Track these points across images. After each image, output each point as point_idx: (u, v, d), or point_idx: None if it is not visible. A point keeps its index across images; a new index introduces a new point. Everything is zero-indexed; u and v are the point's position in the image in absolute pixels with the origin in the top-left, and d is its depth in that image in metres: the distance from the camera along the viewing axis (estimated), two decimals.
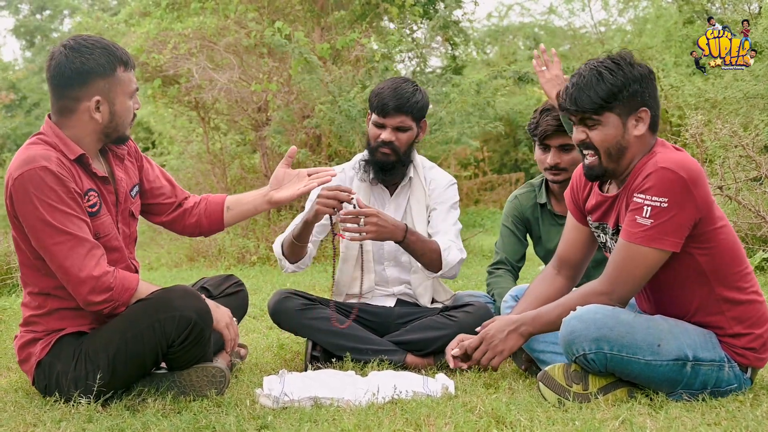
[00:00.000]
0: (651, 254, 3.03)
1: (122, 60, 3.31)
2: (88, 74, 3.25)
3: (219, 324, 3.42)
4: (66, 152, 3.26)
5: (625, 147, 3.12)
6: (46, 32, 29.25)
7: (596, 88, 3.07)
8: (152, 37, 11.80)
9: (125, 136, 3.44)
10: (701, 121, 7.13)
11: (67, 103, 3.31)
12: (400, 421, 2.89)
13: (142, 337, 3.18)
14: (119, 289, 3.21)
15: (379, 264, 4.21)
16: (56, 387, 3.27)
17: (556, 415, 2.91)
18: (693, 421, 2.80)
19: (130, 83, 3.35)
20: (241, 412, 3.09)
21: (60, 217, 3.15)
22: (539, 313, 3.32)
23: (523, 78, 10.21)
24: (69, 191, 3.18)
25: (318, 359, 4.00)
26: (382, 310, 4.17)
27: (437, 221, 4.14)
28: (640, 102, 3.11)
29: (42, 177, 3.14)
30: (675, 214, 2.97)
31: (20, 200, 3.17)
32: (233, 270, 9.44)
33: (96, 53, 3.26)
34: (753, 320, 3.13)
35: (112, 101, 3.30)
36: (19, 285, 7.13)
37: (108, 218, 3.40)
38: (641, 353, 3.01)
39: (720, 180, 6.86)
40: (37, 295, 3.36)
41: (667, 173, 2.96)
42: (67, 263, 3.15)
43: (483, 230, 13.51)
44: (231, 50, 12.08)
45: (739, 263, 3.17)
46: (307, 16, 12.15)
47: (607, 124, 3.11)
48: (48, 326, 3.35)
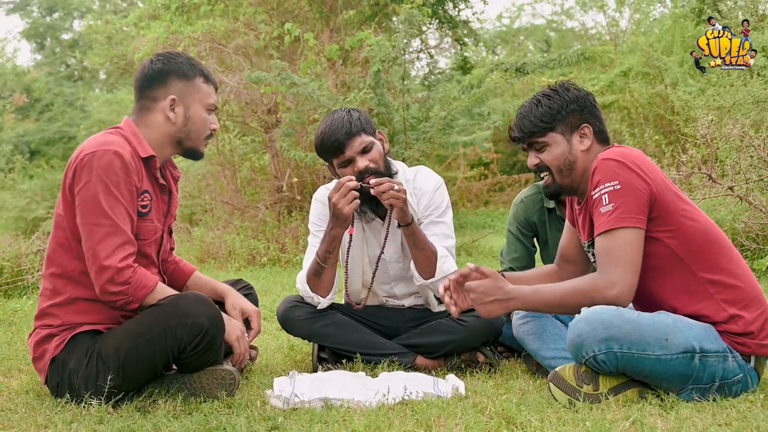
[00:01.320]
0: (626, 234, 3.11)
1: (203, 72, 3.54)
2: (168, 74, 3.47)
3: (230, 336, 3.46)
4: (138, 149, 3.40)
5: (573, 161, 3.39)
6: (57, 34, 29.32)
7: (536, 112, 3.40)
8: (162, 40, 11.83)
9: (199, 151, 3.59)
10: (711, 122, 7.12)
11: (145, 103, 3.49)
12: (410, 422, 2.89)
13: (153, 342, 3.19)
14: (136, 285, 3.23)
15: (386, 284, 4.18)
16: (68, 385, 3.28)
17: (567, 416, 2.91)
18: (704, 422, 2.80)
19: (208, 96, 3.55)
20: (252, 413, 3.10)
21: (111, 202, 3.22)
22: (536, 291, 3.25)
23: (522, 69, 10.14)
24: (130, 183, 3.29)
25: (326, 361, 4.00)
26: (392, 313, 4.16)
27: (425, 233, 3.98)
28: (580, 119, 3.39)
29: (111, 159, 3.24)
30: (629, 191, 3.11)
31: (83, 174, 3.25)
32: (243, 271, 9.45)
33: (179, 60, 3.50)
34: (745, 302, 3.15)
35: (187, 105, 3.49)
36: (30, 287, 7.16)
37: (152, 224, 3.49)
38: (650, 349, 3.01)
39: (731, 180, 6.84)
40: (58, 278, 3.39)
41: (608, 162, 3.17)
42: (98, 247, 3.20)
43: (492, 231, 13.48)
44: (241, 52, 12.11)
45: (717, 246, 3.22)
46: (316, 17, 12.16)
47: (553, 143, 3.40)
48: (64, 319, 3.37)
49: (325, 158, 3.99)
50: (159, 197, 3.54)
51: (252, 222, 11.15)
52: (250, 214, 11.55)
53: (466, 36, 14.72)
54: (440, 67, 16.79)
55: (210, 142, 3.77)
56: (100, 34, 15.92)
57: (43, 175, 20.19)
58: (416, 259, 3.93)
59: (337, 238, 3.85)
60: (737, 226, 6.88)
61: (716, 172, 7.12)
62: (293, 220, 11.01)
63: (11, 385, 3.71)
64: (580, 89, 3.44)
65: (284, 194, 11.48)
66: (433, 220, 4.03)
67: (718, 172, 7.32)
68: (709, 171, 6.87)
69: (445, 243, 3.98)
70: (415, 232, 3.85)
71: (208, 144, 3.66)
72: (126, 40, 14.76)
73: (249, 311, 3.74)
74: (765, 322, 3.15)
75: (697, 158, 7.00)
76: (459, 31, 14.26)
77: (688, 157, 7.16)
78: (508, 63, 10.19)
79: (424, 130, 10.15)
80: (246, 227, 10.92)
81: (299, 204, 11.50)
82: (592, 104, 3.43)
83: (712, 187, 6.89)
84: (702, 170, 6.89)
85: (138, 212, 3.38)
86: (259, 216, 11.30)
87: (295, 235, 10.45)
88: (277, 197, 11.79)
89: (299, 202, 11.52)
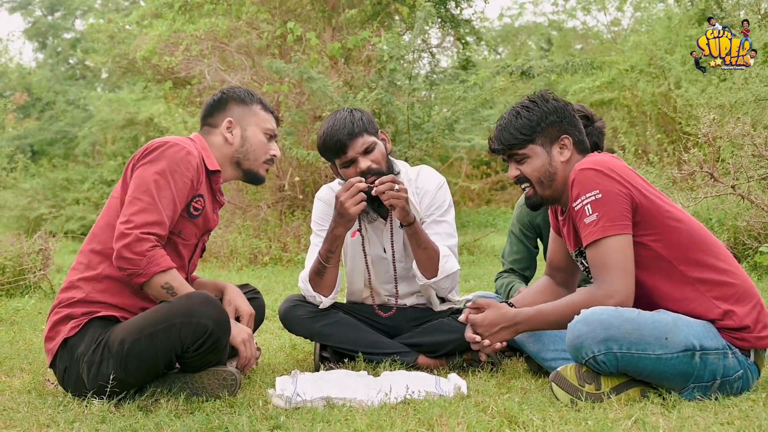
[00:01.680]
0: (614, 242, 3.13)
1: (261, 100, 3.78)
2: (227, 101, 3.72)
3: (235, 339, 3.46)
4: (207, 161, 3.60)
5: (554, 173, 3.40)
6: (59, 33, 29.31)
7: (515, 124, 3.41)
8: (164, 39, 11.83)
9: (258, 174, 3.77)
10: (713, 121, 7.11)
11: (208, 129, 3.72)
12: (412, 421, 2.89)
13: (157, 337, 3.20)
14: (149, 260, 3.25)
15: (389, 283, 4.18)
16: (74, 371, 3.31)
17: (569, 415, 2.91)
18: (706, 421, 2.80)
19: (265, 121, 3.75)
20: (254, 412, 3.10)
21: (162, 185, 3.34)
22: (539, 311, 3.32)
23: (527, 72, 10.14)
24: (188, 179, 3.44)
25: (328, 360, 4.00)
26: (394, 311, 4.15)
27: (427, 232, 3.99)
28: (559, 131, 3.41)
29: (182, 153, 3.42)
30: (611, 199, 3.13)
31: (150, 155, 3.41)
32: (245, 270, 9.46)
33: (238, 89, 3.76)
34: (736, 297, 3.16)
35: (244, 127, 3.71)
36: (32, 286, 7.17)
37: (194, 230, 3.59)
38: (651, 348, 3.01)
39: (732, 179, 6.84)
40: (97, 254, 3.44)
41: (585, 171, 3.19)
42: (131, 215, 3.29)
43: (495, 230, 13.49)
44: (243, 51, 12.12)
45: (703, 244, 3.23)
46: (318, 16, 12.16)
47: (533, 155, 3.41)
48: (88, 293, 3.40)
49: (328, 158, 3.99)
50: (211, 208, 3.67)
51: (254, 221, 11.16)
52: (251, 213, 11.55)
53: (468, 35, 14.71)
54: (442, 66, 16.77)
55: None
56: (102, 33, 15.93)
57: (45, 174, 20.19)
58: (418, 259, 3.92)
59: (339, 237, 3.85)
60: (739, 224, 6.88)
61: (718, 171, 7.12)
62: (295, 219, 11.01)
63: (13, 385, 3.72)
64: (559, 100, 3.47)
65: (286, 193, 11.47)
66: (436, 220, 4.02)
67: (720, 171, 7.32)
68: (711, 170, 6.87)
69: (447, 242, 3.98)
70: (417, 232, 3.84)
71: (268, 169, 3.80)
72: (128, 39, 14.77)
73: (242, 311, 3.73)
74: (759, 314, 3.16)
75: (699, 157, 6.99)
76: (461, 29, 14.26)
77: (690, 155, 7.16)
78: (514, 66, 10.19)
79: (427, 130, 10.15)
80: (248, 226, 10.92)
81: (301, 203, 11.50)
82: (572, 115, 3.45)
83: (714, 186, 6.89)
84: (704, 169, 6.89)
85: (189, 213, 3.51)
86: (260, 215, 11.31)
87: (297, 235, 10.46)
88: (279, 196, 11.79)
89: (301, 201, 11.52)
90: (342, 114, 3.91)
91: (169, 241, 3.46)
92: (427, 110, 10.27)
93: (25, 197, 18.85)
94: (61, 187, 19.42)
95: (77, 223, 17.54)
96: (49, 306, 6.24)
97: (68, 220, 17.70)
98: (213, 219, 3.71)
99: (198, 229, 3.62)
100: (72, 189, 19.30)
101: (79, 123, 22.89)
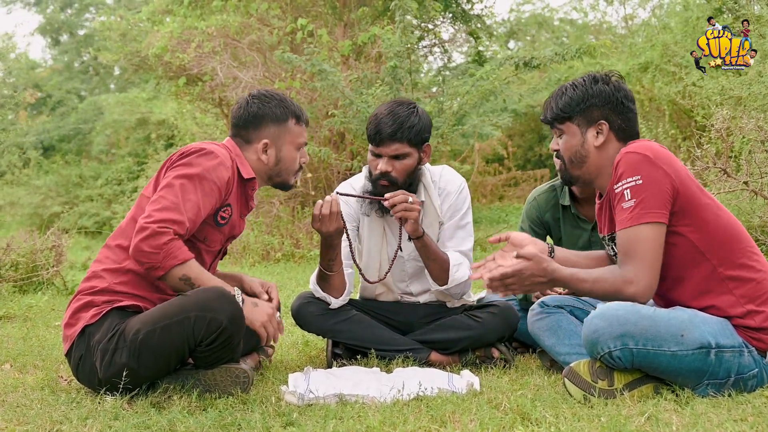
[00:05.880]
0: (646, 231, 3.09)
1: (295, 113, 3.73)
2: (262, 119, 3.66)
3: (254, 324, 3.43)
4: (242, 169, 3.61)
5: (585, 156, 3.37)
6: (72, 30, 29.35)
7: (559, 100, 3.41)
8: (176, 36, 11.84)
9: (289, 184, 3.78)
10: (727, 116, 7.07)
11: (240, 141, 3.69)
12: (425, 418, 2.89)
13: (171, 330, 3.21)
14: (166, 252, 3.25)
15: (402, 282, 4.18)
16: (89, 359, 3.33)
17: (582, 412, 2.90)
18: (719, 417, 2.79)
19: (299, 135, 3.73)
20: (267, 409, 3.10)
21: (189, 189, 3.36)
22: (573, 276, 3.20)
23: (529, 63, 10.09)
24: (218, 189, 3.45)
25: (341, 356, 4.00)
26: (406, 308, 4.16)
27: (445, 238, 4.04)
28: (599, 115, 3.34)
29: (216, 164, 3.44)
30: (652, 186, 3.09)
31: (186, 159, 3.43)
32: (258, 267, 9.48)
33: (272, 103, 3.69)
34: (763, 298, 3.14)
35: (279, 147, 3.68)
36: (45, 283, 7.19)
37: (219, 237, 3.62)
38: (666, 345, 3.01)
39: (746, 175, 6.81)
40: (123, 250, 3.46)
41: (631, 155, 3.15)
42: (153, 208, 3.31)
43: (507, 226, 13.45)
44: (254, 48, 12.11)
45: (738, 242, 3.20)
46: (329, 12, 12.15)
47: (569, 133, 3.40)
48: (110, 283, 3.43)
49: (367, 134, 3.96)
50: (239, 218, 3.69)
51: (266, 218, 11.16)
52: (264, 209, 11.55)
53: (480, 31, 14.67)
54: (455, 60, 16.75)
55: (223, 137, 3.85)
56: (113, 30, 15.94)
57: (58, 171, 20.22)
58: (429, 269, 3.96)
59: (334, 247, 3.86)
60: (752, 221, 6.85)
61: (731, 167, 7.08)
62: (307, 216, 11.01)
63: (27, 381, 3.73)
64: (612, 84, 3.36)
65: (298, 189, 11.47)
66: (455, 222, 4.04)
67: (733, 167, 7.29)
68: (724, 166, 6.84)
69: (463, 246, 4.02)
70: (427, 244, 3.86)
71: (299, 176, 3.82)
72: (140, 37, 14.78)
73: (267, 283, 3.81)
74: None
75: (711, 153, 6.96)
76: (473, 24, 14.21)
77: (703, 151, 7.13)
78: (518, 57, 10.16)
79: (436, 126, 10.13)
80: (260, 223, 10.93)
81: (313, 199, 11.50)
82: (620, 101, 3.33)
83: (726, 182, 6.86)
84: (717, 165, 6.86)
85: (216, 221, 3.54)
86: (273, 211, 11.31)
87: (309, 231, 10.46)
88: (291, 192, 11.77)
89: (313, 198, 11.51)
90: (403, 110, 3.87)
91: (192, 246, 3.45)
92: (438, 105, 10.23)
93: (38, 194, 18.88)
94: (74, 184, 19.44)
95: (90, 219, 17.55)
96: (63, 302, 6.28)
97: (81, 217, 17.72)
98: (239, 226, 3.72)
99: (223, 236, 3.64)
100: (85, 186, 19.32)
101: (92, 120, 22.91)
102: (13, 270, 7.16)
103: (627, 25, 20.06)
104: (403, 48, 9.54)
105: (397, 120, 3.82)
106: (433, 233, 4.02)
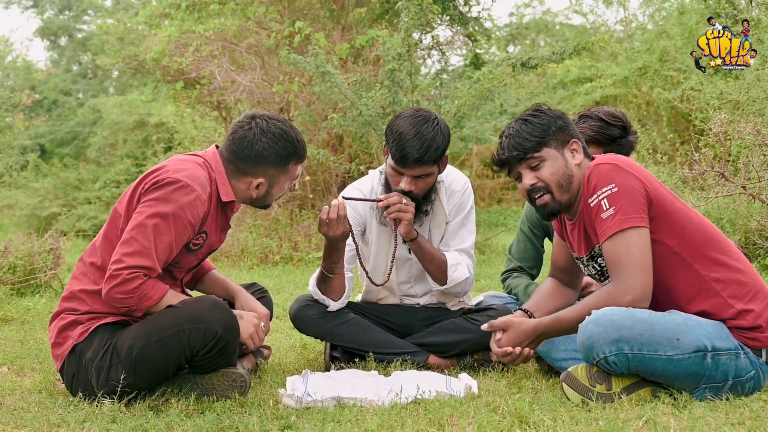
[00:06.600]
0: (632, 235, 3.11)
1: (299, 155, 3.57)
2: (266, 159, 3.48)
3: (242, 336, 3.44)
4: (221, 191, 3.50)
5: (571, 175, 3.34)
6: (71, 32, 29.33)
7: (528, 130, 3.35)
8: (174, 39, 11.84)
9: (268, 206, 3.69)
10: (725, 120, 7.08)
11: (232, 168, 3.53)
12: (423, 421, 2.89)
13: (166, 343, 3.21)
14: (140, 296, 3.23)
15: (407, 283, 4.18)
16: (83, 376, 3.31)
17: (580, 415, 2.91)
18: (717, 421, 2.79)
19: (294, 172, 3.62)
20: (265, 412, 3.11)
21: (162, 230, 3.27)
22: (558, 320, 3.30)
23: (526, 63, 10.09)
24: (193, 224, 3.36)
25: (339, 359, 4.01)
26: (405, 311, 4.16)
27: (449, 236, 4.06)
28: (568, 135, 3.38)
29: (193, 201, 3.32)
30: (628, 192, 3.13)
31: (159, 192, 3.30)
32: (256, 270, 9.47)
33: (280, 144, 3.48)
34: (750, 295, 3.15)
35: (272, 185, 3.58)
36: (43, 285, 7.18)
37: (193, 258, 3.58)
38: (662, 349, 3.01)
39: (744, 179, 6.82)
40: (98, 269, 3.42)
41: (601, 166, 3.20)
42: (124, 251, 3.24)
43: (505, 229, 13.45)
44: (252, 51, 12.12)
45: (715, 242, 3.23)
46: (327, 15, 12.16)
47: (550, 158, 3.34)
48: (92, 306, 3.40)
49: (388, 146, 3.84)
50: (216, 235, 3.63)
51: (264, 220, 11.15)
52: (262, 212, 11.55)
53: (478, 33, 14.67)
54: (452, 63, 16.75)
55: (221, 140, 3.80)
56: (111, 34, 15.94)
57: (56, 173, 20.20)
58: (427, 270, 3.99)
59: (339, 251, 3.85)
60: (750, 224, 6.86)
61: (729, 171, 7.09)
62: (305, 219, 11.01)
63: (24, 384, 3.73)
64: (556, 110, 3.44)
65: (297, 192, 11.47)
66: (459, 220, 4.06)
67: (730, 170, 7.29)
68: (723, 169, 6.85)
69: (464, 244, 4.03)
70: (422, 246, 3.88)
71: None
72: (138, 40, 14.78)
73: (259, 314, 3.71)
74: None
75: (709, 156, 6.97)
76: (470, 26, 14.22)
77: (702, 155, 7.13)
78: (515, 58, 10.17)
79: None
80: (258, 225, 10.92)
81: (311, 202, 11.51)
82: (571, 122, 3.43)
83: (724, 186, 6.87)
84: (715, 169, 6.87)
85: (188, 248, 3.47)
86: (271, 214, 11.31)
87: (308, 234, 10.45)
88: (289, 195, 11.78)
89: (312, 201, 11.52)
90: (428, 130, 3.75)
91: (165, 270, 3.44)
92: (437, 108, 10.23)
93: (36, 196, 18.86)
94: (72, 187, 19.41)
95: (88, 222, 17.53)
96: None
97: (79, 220, 17.70)
98: (216, 242, 3.67)
99: (197, 258, 3.62)
100: (83, 188, 19.29)
101: (90, 123, 22.90)
102: (10, 273, 7.14)
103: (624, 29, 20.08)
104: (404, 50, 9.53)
105: (424, 144, 3.70)
106: (440, 234, 4.05)
